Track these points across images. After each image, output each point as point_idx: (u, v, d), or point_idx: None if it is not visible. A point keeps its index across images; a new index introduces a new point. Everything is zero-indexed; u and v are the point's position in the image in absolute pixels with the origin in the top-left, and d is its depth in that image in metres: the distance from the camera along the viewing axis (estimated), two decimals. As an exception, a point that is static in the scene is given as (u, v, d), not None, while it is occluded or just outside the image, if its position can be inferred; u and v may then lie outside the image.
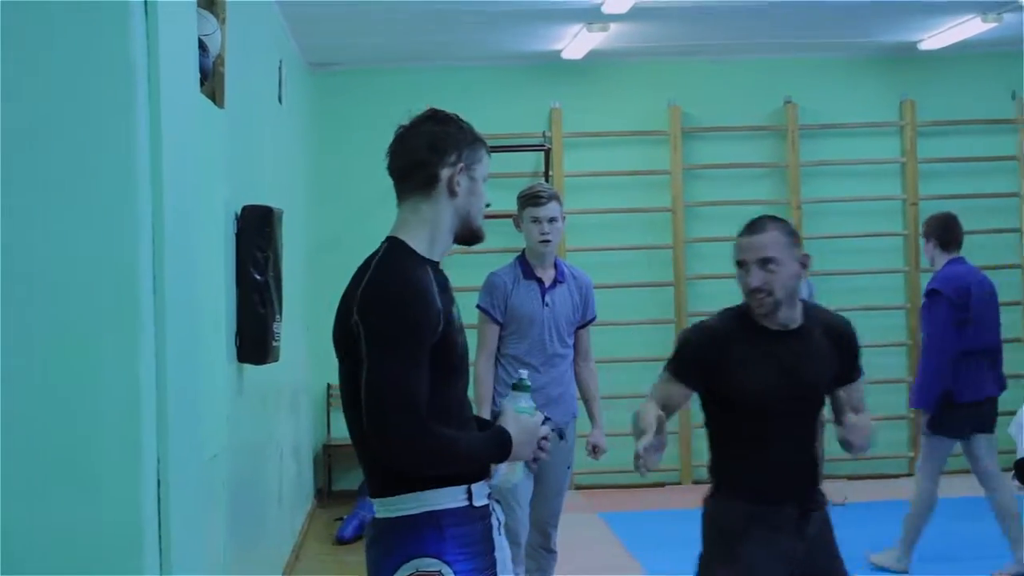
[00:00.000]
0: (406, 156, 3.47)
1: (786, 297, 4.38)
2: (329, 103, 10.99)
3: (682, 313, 11.17)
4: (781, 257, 4.38)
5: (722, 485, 4.57)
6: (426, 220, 3.43)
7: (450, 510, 3.35)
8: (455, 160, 3.42)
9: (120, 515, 2.68)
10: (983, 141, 11.43)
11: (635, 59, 11.13)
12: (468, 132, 3.50)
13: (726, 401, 4.44)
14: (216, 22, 5.39)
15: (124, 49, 2.70)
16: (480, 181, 3.47)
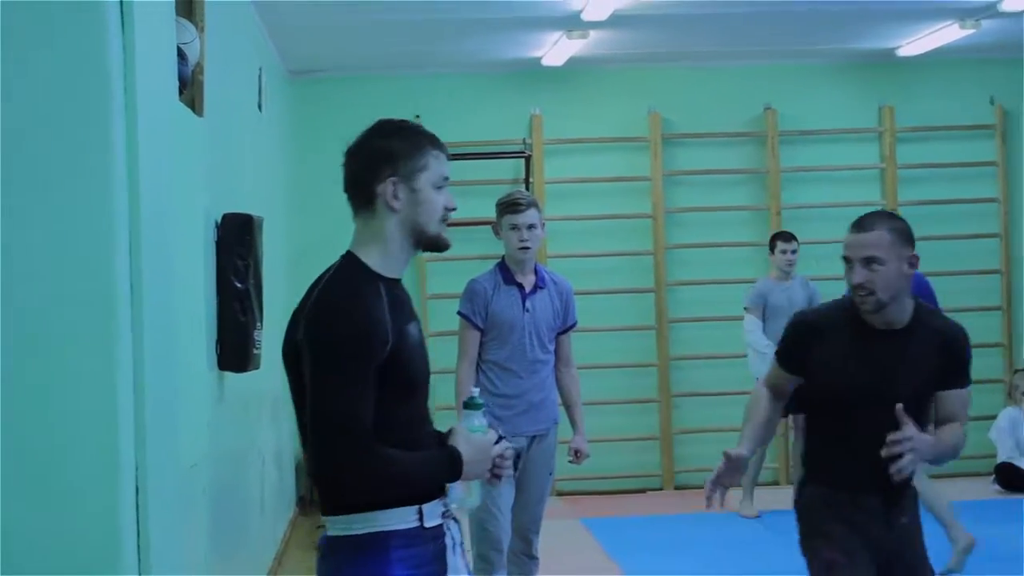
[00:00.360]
0: (347, 174, 3.45)
1: (890, 297, 4.37)
2: (309, 111, 10.98)
3: (663, 319, 11.19)
4: (885, 257, 4.36)
5: (811, 473, 4.64)
6: (375, 236, 3.39)
7: (399, 531, 3.30)
8: (390, 174, 3.36)
9: (98, 523, 2.68)
10: (962, 147, 11.48)
11: (615, 66, 11.15)
12: (409, 141, 3.42)
13: (817, 391, 4.52)
14: (195, 30, 5.38)
15: (100, 58, 2.70)
16: (426, 189, 3.38)
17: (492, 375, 6.29)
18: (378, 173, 3.37)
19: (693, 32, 10.09)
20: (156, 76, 3.03)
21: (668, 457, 11.24)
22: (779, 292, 9.80)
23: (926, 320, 4.47)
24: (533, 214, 6.24)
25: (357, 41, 10.01)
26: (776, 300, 9.78)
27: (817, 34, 10.42)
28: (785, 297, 9.71)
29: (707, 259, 11.23)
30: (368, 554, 3.28)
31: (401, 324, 3.31)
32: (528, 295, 6.30)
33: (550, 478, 6.47)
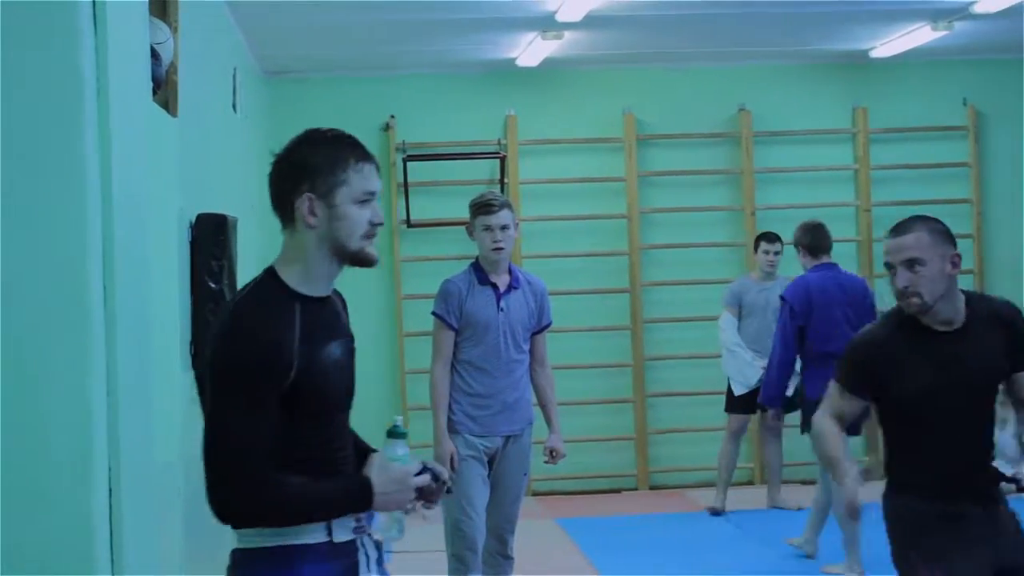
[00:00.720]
0: (270, 188, 3.33)
1: (935, 298, 4.37)
2: (284, 111, 10.96)
3: (638, 319, 11.21)
4: (926, 257, 4.37)
5: (897, 483, 4.60)
6: (297, 252, 3.27)
7: (308, 546, 3.21)
8: (306, 190, 3.23)
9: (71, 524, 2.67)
10: (935, 148, 11.53)
11: (590, 67, 11.16)
12: (330, 155, 3.27)
13: (891, 403, 4.51)
14: (169, 30, 5.37)
15: (73, 58, 2.70)
16: (345, 205, 3.24)
17: (467, 375, 6.30)
18: (295, 188, 3.25)
19: (667, 33, 10.12)
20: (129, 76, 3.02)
21: (643, 457, 11.26)
22: (757, 292, 9.82)
23: (978, 308, 4.47)
24: (506, 215, 6.26)
25: (332, 42, 10.01)
26: (752, 299, 9.81)
27: (791, 35, 10.46)
28: (763, 297, 9.74)
29: (682, 259, 11.26)
30: (277, 568, 3.19)
31: (314, 346, 3.19)
32: (502, 295, 6.32)
33: (525, 478, 6.49)
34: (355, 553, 3.33)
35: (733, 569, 8.32)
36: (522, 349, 6.38)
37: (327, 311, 3.32)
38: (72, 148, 2.68)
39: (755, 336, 9.72)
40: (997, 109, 11.56)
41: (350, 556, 3.31)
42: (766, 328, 9.62)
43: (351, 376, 3.39)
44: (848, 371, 4.60)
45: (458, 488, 6.23)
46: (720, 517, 9.86)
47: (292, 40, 9.80)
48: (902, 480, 4.57)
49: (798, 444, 10.90)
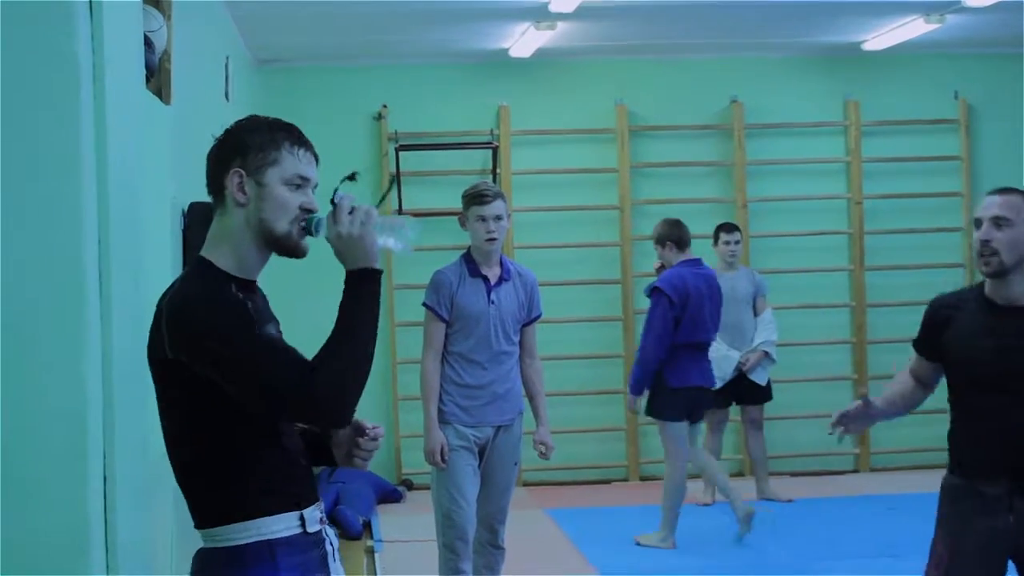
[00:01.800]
0: (206, 170, 3.28)
1: (1014, 261, 4.37)
2: (276, 100, 10.93)
3: (629, 311, 11.21)
4: (1014, 219, 4.39)
5: (950, 459, 4.65)
6: (225, 233, 3.21)
7: (284, 538, 3.15)
8: (237, 166, 3.17)
9: (66, 512, 2.67)
10: (926, 141, 11.54)
11: (582, 58, 11.16)
12: (264, 135, 3.22)
13: (950, 374, 4.58)
14: (162, 18, 5.36)
15: (69, 46, 2.70)
16: (275, 185, 3.18)
17: (457, 366, 6.31)
18: (227, 165, 3.19)
19: (660, 24, 10.12)
20: (124, 64, 3.02)
21: (633, 448, 11.27)
22: (723, 281, 9.89)
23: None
24: (500, 205, 6.25)
25: (324, 30, 10.00)
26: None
27: (783, 27, 10.46)
28: (729, 287, 9.83)
29: (673, 251, 11.24)
30: (255, 564, 3.12)
31: (261, 323, 3.14)
32: (493, 287, 6.32)
33: (515, 468, 6.49)
34: (323, 543, 3.29)
35: (725, 559, 8.33)
36: (512, 341, 6.39)
37: (257, 295, 3.26)
38: (68, 135, 2.68)
39: (725, 326, 9.79)
40: (989, 102, 11.58)
41: (320, 547, 3.27)
42: (736, 318, 9.83)
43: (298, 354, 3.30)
44: (921, 332, 4.71)
45: (449, 478, 6.25)
46: (711, 508, 9.89)
47: (284, 29, 9.79)
48: (951, 456, 4.64)
49: (781, 436, 10.97)
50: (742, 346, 9.90)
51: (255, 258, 3.23)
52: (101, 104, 2.76)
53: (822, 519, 9.47)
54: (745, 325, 9.96)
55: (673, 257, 8.69)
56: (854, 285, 11.44)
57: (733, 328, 9.84)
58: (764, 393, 10.04)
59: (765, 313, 10.00)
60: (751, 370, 9.87)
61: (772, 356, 9.97)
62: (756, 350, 9.88)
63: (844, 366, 11.47)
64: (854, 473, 11.37)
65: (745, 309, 9.99)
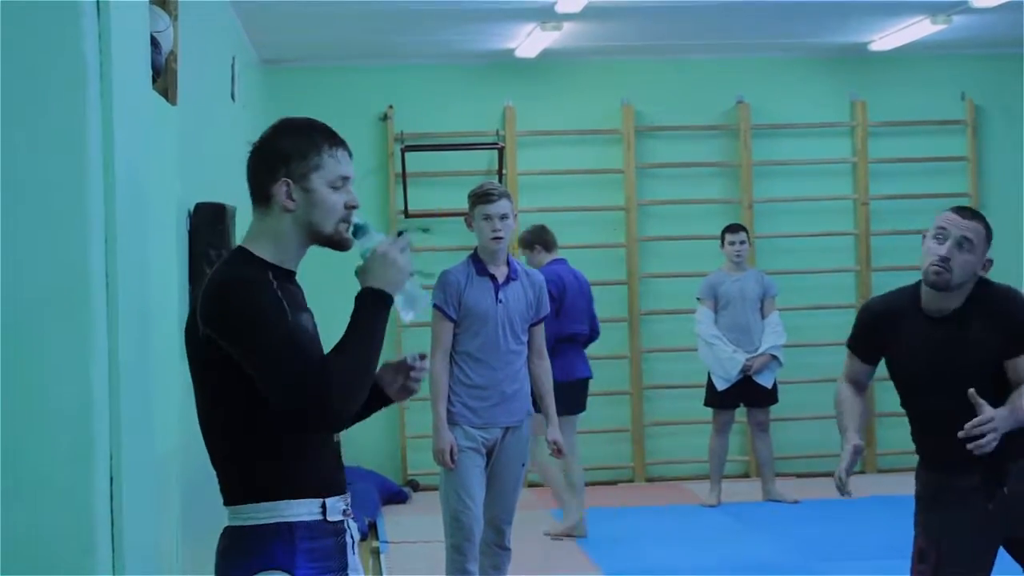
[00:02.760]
0: (248, 177, 3.39)
1: (958, 283, 4.57)
2: (282, 100, 10.91)
3: (635, 311, 11.21)
4: (977, 246, 4.58)
5: (919, 456, 4.85)
6: (269, 231, 3.34)
7: (304, 523, 3.27)
8: (283, 175, 3.31)
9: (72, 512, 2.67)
10: (933, 142, 11.52)
11: (588, 58, 11.16)
12: (303, 141, 3.37)
13: (894, 377, 4.78)
14: (168, 19, 5.36)
15: (77, 46, 2.70)
16: (322, 189, 3.33)
17: (465, 366, 6.30)
18: (272, 175, 3.32)
19: (666, 25, 10.12)
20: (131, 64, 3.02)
21: (639, 449, 11.26)
22: (730, 283, 9.99)
23: (980, 297, 4.61)
24: (505, 204, 6.25)
25: (330, 31, 10.00)
26: (727, 291, 9.99)
27: (790, 28, 10.45)
28: (736, 288, 9.92)
29: (679, 252, 11.26)
30: (274, 544, 3.24)
31: (294, 311, 3.25)
32: (501, 286, 6.32)
33: (523, 469, 6.49)
34: (344, 534, 3.39)
35: (730, 561, 8.32)
36: (520, 340, 6.38)
37: (295, 285, 3.38)
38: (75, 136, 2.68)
39: (732, 327, 9.90)
40: (995, 103, 11.57)
41: (340, 536, 3.37)
42: (743, 319, 9.91)
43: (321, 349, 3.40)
44: (854, 333, 4.91)
45: (457, 479, 6.24)
46: (717, 509, 9.89)
47: (290, 29, 9.79)
48: (919, 453, 4.85)
49: (787, 437, 10.96)
50: (748, 348, 9.90)
51: (296, 252, 3.37)
52: (108, 104, 2.76)
53: (828, 520, 9.46)
54: (752, 327, 9.96)
55: (543, 258, 9.03)
56: (860, 286, 11.42)
57: (740, 329, 9.88)
58: (770, 396, 10.04)
59: (772, 316, 10.00)
60: (757, 373, 9.87)
61: (780, 359, 9.98)
62: (763, 354, 9.88)
63: (850, 367, 11.44)
64: (860, 474, 11.34)
65: (752, 311, 10.00)
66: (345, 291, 3.54)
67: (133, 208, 2.93)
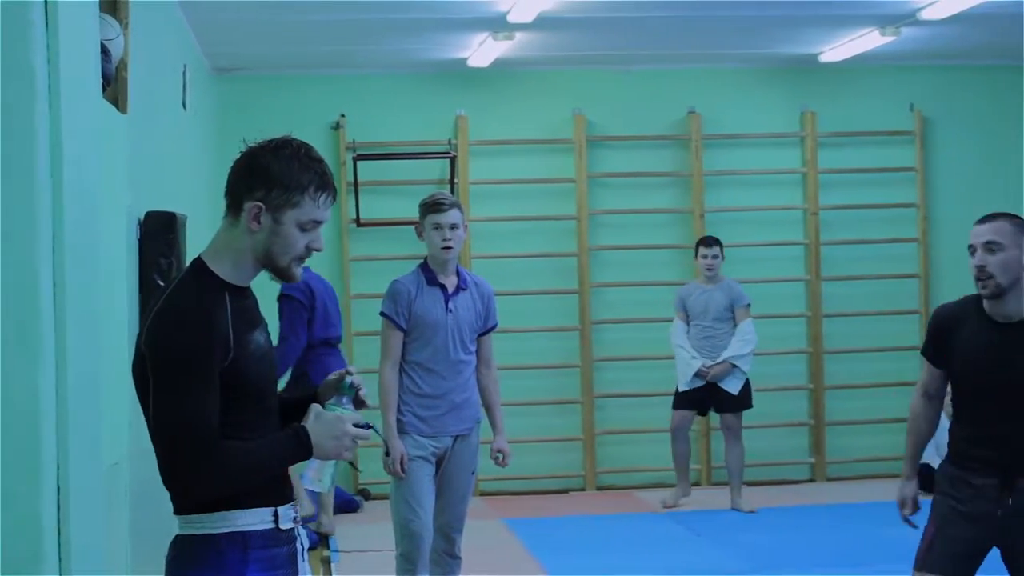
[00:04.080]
0: (229, 177, 3.40)
1: (1009, 282, 4.66)
2: (234, 108, 10.93)
3: (586, 320, 11.24)
4: (1005, 243, 4.66)
5: (948, 450, 4.99)
6: (230, 245, 3.36)
7: (257, 532, 3.30)
8: (259, 198, 3.30)
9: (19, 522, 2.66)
10: (882, 152, 11.62)
11: (540, 68, 11.18)
12: (292, 173, 3.32)
13: (952, 377, 4.93)
14: (119, 27, 5.35)
15: (24, 55, 2.69)
16: (290, 226, 3.32)
17: (415, 376, 6.31)
18: (250, 191, 3.33)
19: (618, 35, 10.15)
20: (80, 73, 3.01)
21: (590, 458, 11.29)
22: (698, 295, 10.05)
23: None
24: (456, 214, 6.27)
25: (282, 39, 9.98)
26: (694, 303, 10.07)
27: (741, 39, 10.51)
28: (703, 300, 9.98)
29: (630, 261, 11.30)
30: (226, 553, 3.27)
31: (243, 334, 3.30)
32: (451, 296, 6.33)
33: (472, 477, 6.50)
34: (295, 541, 3.42)
35: (681, 569, 8.35)
36: (469, 350, 6.40)
37: (248, 300, 3.41)
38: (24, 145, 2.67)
39: (700, 337, 9.97)
40: (943, 114, 11.67)
41: (291, 544, 3.40)
42: (710, 329, 10.00)
43: (272, 363, 3.48)
44: (928, 341, 5.05)
45: (406, 488, 6.25)
46: (669, 517, 9.93)
47: (242, 38, 9.77)
48: (950, 448, 4.98)
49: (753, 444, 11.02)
50: (714, 356, 9.98)
51: (251, 271, 3.39)
52: (56, 113, 2.75)
53: (778, 529, 9.51)
54: (720, 337, 10.03)
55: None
56: (810, 295, 11.50)
57: (706, 339, 9.97)
58: (738, 401, 10.10)
59: (742, 324, 10.06)
60: (717, 379, 9.95)
61: (741, 368, 10.04)
62: (722, 362, 9.96)
63: (800, 376, 11.52)
64: (810, 482, 11.42)
65: (720, 321, 10.06)
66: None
67: (82, 217, 2.92)
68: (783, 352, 11.41)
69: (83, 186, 2.96)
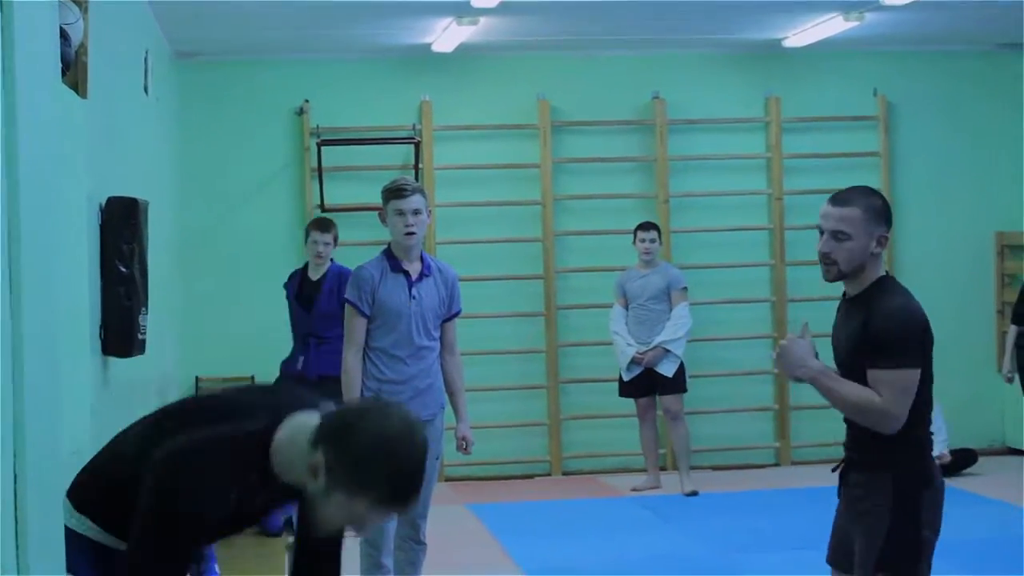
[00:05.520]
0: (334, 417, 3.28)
1: (852, 270, 4.54)
2: (197, 93, 10.87)
3: (551, 306, 11.23)
4: (853, 232, 4.51)
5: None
6: (296, 455, 3.23)
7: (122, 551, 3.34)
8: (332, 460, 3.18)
9: (-25, 511, 2.64)
10: (846, 137, 11.64)
11: (505, 53, 11.16)
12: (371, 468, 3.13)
13: None
14: (79, 11, 5.31)
15: (-22, 38, 2.66)
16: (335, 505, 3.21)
17: (379, 362, 6.30)
18: (327, 443, 3.16)
19: (583, 20, 10.14)
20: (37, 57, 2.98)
21: (555, 443, 11.29)
22: (637, 280, 10.17)
23: (875, 294, 4.54)
24: (418, 199, 6.26)
25: (245, 24, 9.93)
26: (632, 288, 10.24)
27: (705, 24, 10.52)
28: (641, 285, 10.13)
29: (595, 246, 11.29)
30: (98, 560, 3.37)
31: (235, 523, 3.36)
32: (414, 282, 6.32)
33: (436, 463, 6.49)
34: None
35: (648, 553, 8.37)
36: (433, 336, 6.39)
37: (264, 493, 3.34)
38: (-23, 130, 2.65)
39: (637, 322, 10.15)
40: (907, 99, 11.70)
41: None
42: (647, 314, 10.17)
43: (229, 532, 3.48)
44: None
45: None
46: (634, 501, 9.97)
47: (205, 22, 9.71)
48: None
49: (703, 430, 11.05)
50: (649, 341, 10.06)
51: (289, 477, 3.26)
52: (11, 98, 2.72)
53: (744, 512, 9.54)
54: (656, 321, 10.11)
55: None
56: (775, 280, 11.52)
57: (644, 323, 10.13)
58: (674, 384, 10.17)
59: (678, 308, 10.14)
60: (652, 364, 10.04)
61: (674, 352, 10.10)
62: (655, 347, 10.04)
63: (765, 361, 11.53)
64: (775, 467, 11.46)
65: (655, 306, 10.14)
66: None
67: (39, 203, 2.89)
68: (748, 337, 11.43)
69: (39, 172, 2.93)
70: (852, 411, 4.48)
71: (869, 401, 4.41)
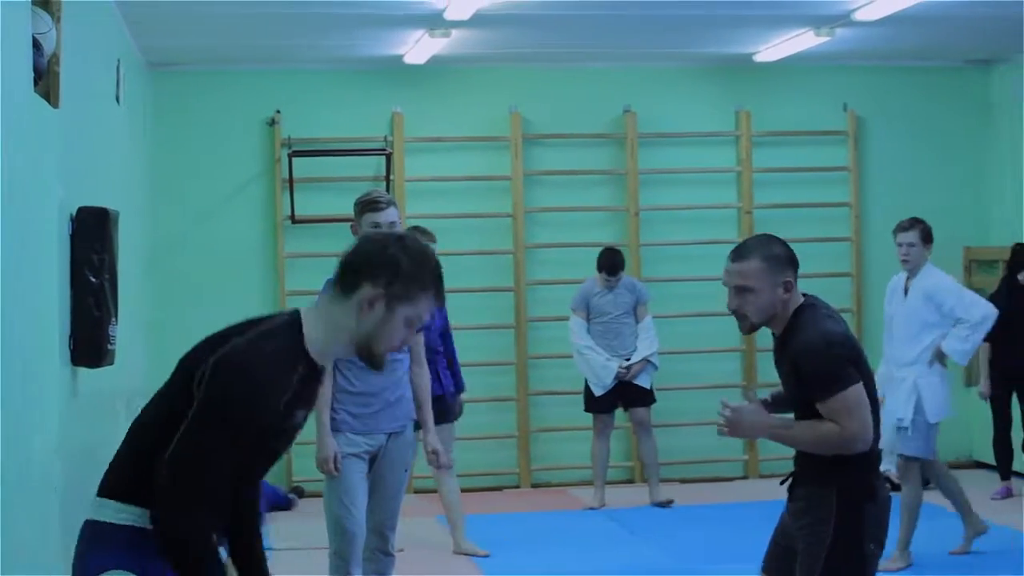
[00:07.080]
0: (351, 254, 3.45)
1: (763, 320, 4.57)
2: (168, 104, 10.86)
3: (522, 318, 11.25)
4: (756, 286, 4.54)
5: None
6: (331, 319, 3.40)
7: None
8: (383, 284, 3.37)
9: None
10: (815, 152, 11.70)
11: (477, 65, 11.18)
12: (420, 274, 3.43)
13: None
14: (51, 20, 5.31)
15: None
16: (399, 321, 3.40)
17: (349, 374, 6.29)
18: (373, 278, 3.37)
19: (555, 33, 10.17)
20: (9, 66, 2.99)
21: (525, 455, 11.30)
22: (604, 293, 10.16)
23: (795, 332, 4.56)
24: (393, 212, 6.26)
25: (217, 34, 9.93)
26: (598, 301, 10.18)
27: (676, 38, 10.56)
28: (610, 301, 10.22)
29: (566, 259, 11.32)
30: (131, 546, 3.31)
31: (290, 410, 3.36)
32: (385, 294, 6.31)
33: (406, 474, 6.49)
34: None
35: (616, 565, 8.39)
36: (402, 348, 6.38)
37: (315, 381, 3.46)
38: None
39: (604, 335, 10.12)
40: (876, 114, 11.78)
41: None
42: (615, 327, 10.16)
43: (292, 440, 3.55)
44: None
45: (340, 486, 6.23)
46: (602, 514, 9.98)
47: (177, 32, 9.70)
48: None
49: (672, 442, 11.07)
50: (622, 353, 10.08)
51: (340, 351, 3.45)
52: (-15, 106, 2.73)
53: (711, 524, 9.56)
54: (624, 334, 10.14)
55: None
56: (744, 294, 11.54)
57: (612, 336, 10.15)
58: (648, 396, 10.22)
59: (645, 321, 10.19)
60: (634, 377, 10.07)
61: (655, 363, 10.17)
62: (640, 361, 10.07)
63: (734, 374, 11.59)
64: (743, 479, 11.49)
65: (624, 320, 10.18)
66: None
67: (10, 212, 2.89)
68: (717, 350, 11.47)
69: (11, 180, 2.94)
70: (816, 447, 4.56)
71: (828, 433, 4.47)
